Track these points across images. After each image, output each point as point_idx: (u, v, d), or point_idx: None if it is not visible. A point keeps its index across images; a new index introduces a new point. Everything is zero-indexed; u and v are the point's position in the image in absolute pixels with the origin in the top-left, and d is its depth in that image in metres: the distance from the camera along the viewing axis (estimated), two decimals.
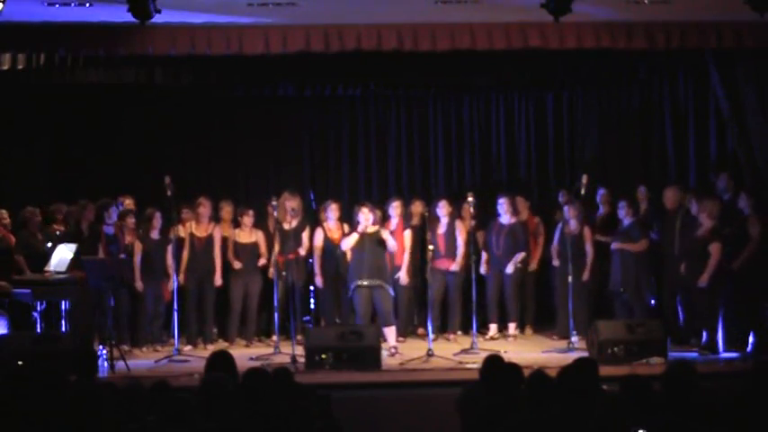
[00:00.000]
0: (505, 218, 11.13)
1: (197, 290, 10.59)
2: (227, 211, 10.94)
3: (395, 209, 10.82)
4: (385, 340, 9.97)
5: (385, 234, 9.98)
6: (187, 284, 10.53)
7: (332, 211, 10.80)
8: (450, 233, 10.94)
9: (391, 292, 10.09)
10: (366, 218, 9.93)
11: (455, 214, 11.05)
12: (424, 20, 9.73)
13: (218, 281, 10.63)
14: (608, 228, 10.87)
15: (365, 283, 9.89)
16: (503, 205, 11.11)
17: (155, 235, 10.40)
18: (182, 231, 10.55)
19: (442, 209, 10.91)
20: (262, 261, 10.76)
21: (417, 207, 11.15)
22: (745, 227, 9.79)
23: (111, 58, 10.44)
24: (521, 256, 11.09)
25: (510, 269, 11.05)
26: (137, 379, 7.53)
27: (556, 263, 10.89)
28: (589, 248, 10.72)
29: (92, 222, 10.24)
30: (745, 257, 9.69)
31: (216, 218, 10.86)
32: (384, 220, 10.69)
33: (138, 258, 10.27)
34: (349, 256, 10.29)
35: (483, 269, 11.05)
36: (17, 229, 10.02)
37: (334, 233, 10.75)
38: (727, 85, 10.65)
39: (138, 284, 10.24)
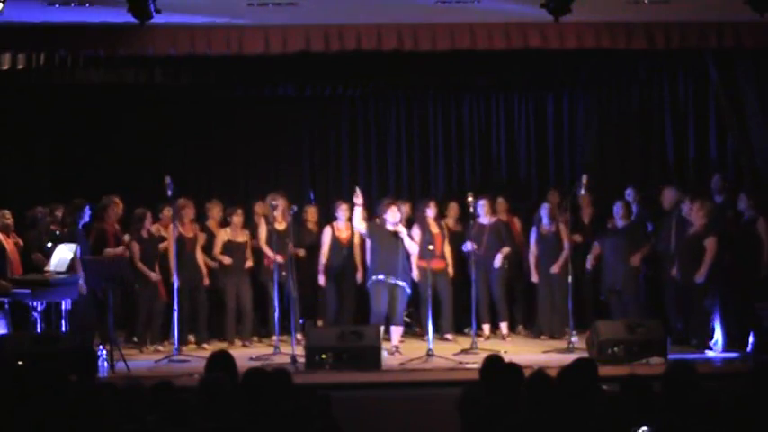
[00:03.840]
0: (485, 218, 11.13)
1: (188, 290, 10.57)
2: (216, 210, 10.97)
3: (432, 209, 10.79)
4: (388, 338, 10.00)
5: (403, 234, 9.97)
6: (179, 285, 10.50)
7: (342, 211, 10.84)
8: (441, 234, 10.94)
9: (407, 290, 10.10)
10: (394, 216, 9.92)
11: (439, 216, 11.04)
12: (424, 20, 9.73)
13: (206, 281, 10.65)
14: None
15: (386, 279, 9.88)
16: (482, 206, 11.09)
17: (146, 235, 10.39)
18: (162, 231, 10.56)
19: (432, 210, 10.85)
20: (249, 263, 10.80)
21: (403, 208, 11.12)
22: (751, 229, 9.78)
23: (111, 58, 10.44)
24: (506, 250, 11.09)
25: (497, 263, 11.03)
26: (137, 379, 7.53)
27: (534, 278, 10.97)
28: (566, 245, 10.74)
29: (95, 223, 10.25)
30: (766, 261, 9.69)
31: (202, 218, 10.86)
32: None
33: (137, 259, 10.26)
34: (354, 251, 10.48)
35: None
36: (26, 228, 10.01)
37: (343, 233, 10.80)
38: (727, 85, 10.66)
39: (154, 275, 10.24)
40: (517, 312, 11.50)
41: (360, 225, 10.14)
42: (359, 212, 10.06)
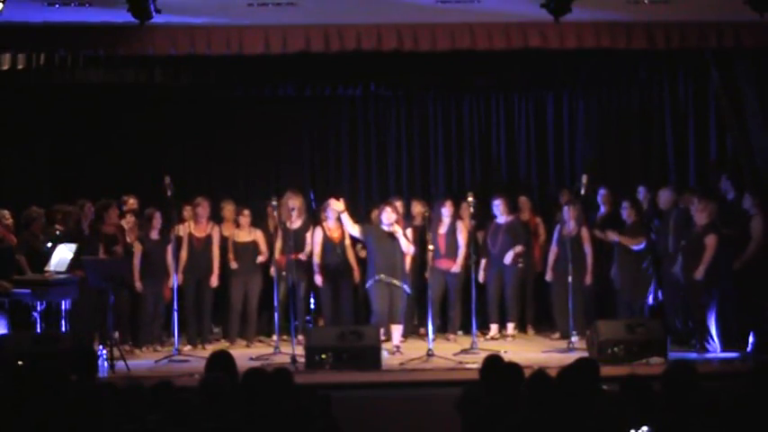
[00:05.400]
0: (501, 218, 11.15)
1: (195, 290, 10.59)
2: (228, 210, 10.96)
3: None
4: (389, 338, 10.02)
5: (399, 234, 9.96)
6: (185, 285, 10.52)
7: (332, 211, 10.79)
8: (452, 233, 10.92)
9: (407, 290, 10.10)
10: (389, 217, 9.93)
11: (456, 215, 11.06)
12: (424, 20, 9.73)
13: (214, 281, 10.63)
14: (610, 228, 10.86)
15: (385, 279, 9.89)
16: (498, 206, 11.13)
17: (154, 235, 10.41)
18: (181, 231, 10.54)
19: (447, 209, 10.90)
20: (261, 258, 10.75)
21: (417, 207, 11.17)
22: (748, 226, 9.79)
23: (111, 58, 10.44)
24: (519, 248, 11.08)
25: (508, 260, 11.02)
26: (137, 379, 7.53)
27: (549, 277, 10.89)
28: (588, 249, 10.72)
29: (92, 222, 10.24)
30: (748, 256, 9.69)
31: (215, 218, 10.87)
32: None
33: (137, 259, 10.27)
34: (356, 252, 10.50)
35: (480, 276, 10.95)
36: (20, 229, 10.01)
37: (334, 232, 10.74)
38: (727, 85, 10.66)
39: (138, 285, 10.24)
40: (528, 313, 11.48)
41: (353, 230, 10.18)
42: (346, 219, 10.13)
